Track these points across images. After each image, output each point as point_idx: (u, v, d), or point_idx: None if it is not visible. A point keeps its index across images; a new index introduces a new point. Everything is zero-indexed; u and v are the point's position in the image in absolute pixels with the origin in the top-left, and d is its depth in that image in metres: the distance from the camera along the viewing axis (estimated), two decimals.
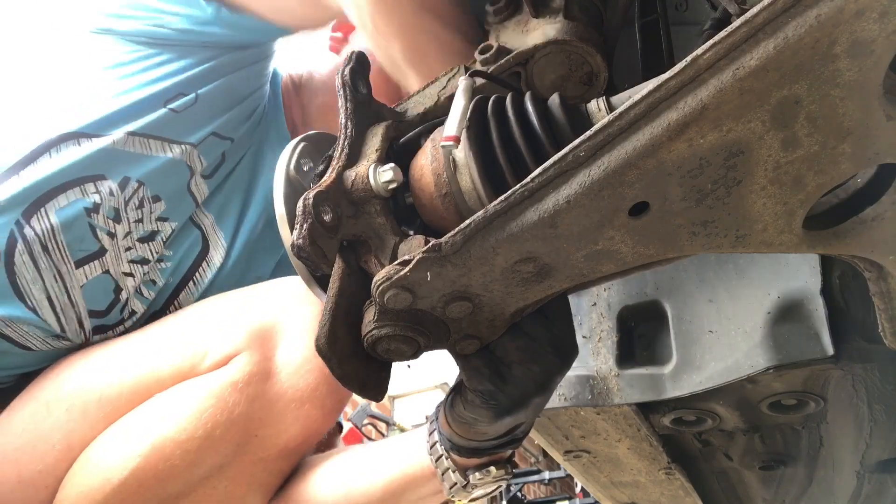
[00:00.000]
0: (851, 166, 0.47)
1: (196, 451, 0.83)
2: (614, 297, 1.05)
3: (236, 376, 0.84)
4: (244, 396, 0.84)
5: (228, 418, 0.83)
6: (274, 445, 0.87)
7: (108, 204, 0.99)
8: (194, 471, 0.84)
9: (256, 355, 0.85)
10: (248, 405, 0.84)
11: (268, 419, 0.85)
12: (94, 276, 0.99)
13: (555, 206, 0.50)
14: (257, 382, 0.84)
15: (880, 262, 0.55)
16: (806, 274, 0.87)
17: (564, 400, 1.04)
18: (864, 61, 0.41)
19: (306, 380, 0.86)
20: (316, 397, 0.86)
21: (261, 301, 0.91)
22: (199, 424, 0.82)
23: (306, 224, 0.59)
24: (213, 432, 0.83)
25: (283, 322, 0.88)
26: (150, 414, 0.86)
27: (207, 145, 1.09)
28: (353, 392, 0.63)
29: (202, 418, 0.83)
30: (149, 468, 0.83)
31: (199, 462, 0.84)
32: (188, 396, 0.85)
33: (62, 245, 0.96)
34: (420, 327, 0.60)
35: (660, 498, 1.32)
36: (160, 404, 0.86)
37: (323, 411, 0.88)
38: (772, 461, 1.16)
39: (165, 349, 0.91)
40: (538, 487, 6.47)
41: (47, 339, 0.97)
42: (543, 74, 0.73)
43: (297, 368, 0.86)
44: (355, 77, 0.71)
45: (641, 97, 0.45)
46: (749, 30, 0.42)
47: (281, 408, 0.85)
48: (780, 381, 0.91)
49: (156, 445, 0.83)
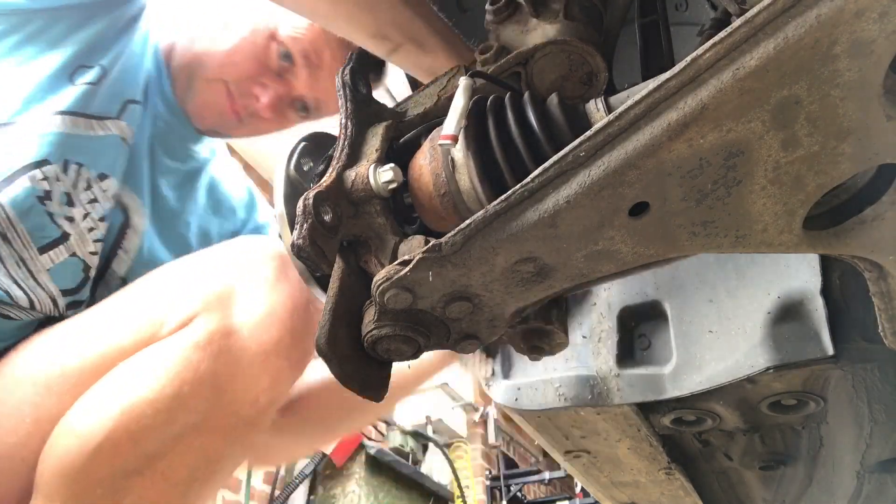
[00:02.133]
0: (851, 166, 0.47)
1: (167, 410, 0.85)
2: (614, 297, 1.05)
3: (196, 336, 0.86)
4: (207, 353, 0.86)
5: (195, 375, 0.85)
6: (245, 399, 0.89)
7: (57, 190, 1.02)
8: (168, 429, 0.86)
9: (214, 315, 0.87)
10: (213, 361, 0.86)
11: (235, 373, 0.87)
12: (60, 259, 1.04)
13: (555, 206, 0.50)
14: (219, 339, 0.86)
15: (880, 262, 0.55)
16: (806, 274, 0.87)
17: (564, 400, 1.04)
18: (865, 61, 0.41)
19: (269, 333, 0.88)
20: (281, 349, 0.89)
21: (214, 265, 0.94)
22: (167, 383, 0.84)
23: (306, 224, 0.59)
24: (181, 389, 0.85)
25: (239, 282, 0.90)
26: (119, 379, 0.88)
27: (128, 114, 1.11)
28: (353, 392, 0.63)
29: (169, 377, 0.85)
30: (122, 429, 0.84)
31: (172, 420, 0.85)
32: (153, 359, 0.87)
33: (22, 233, 1.00)
34: (420, 327, 0.60)
35: (660, 498, 1.32)
36: (127, 369, 0.89)
37: (289, 362, 0.90)
38: (772, 461, 1.16)
39: (124, 320, 0.93)
40: (538, 487, 6.47)
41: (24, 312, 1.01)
42: (543, 74, 0.73)
43: (258, 323, 0.88)
44: (355, 77, 0.71)
45: (641, 97, 0.45)
46: (749, 30, 0.42)
47: (247, 362, 0.87)
48: (780, 381, 0.91)
49: (126, 407, 0.85)
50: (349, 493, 4.07)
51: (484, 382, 1.13)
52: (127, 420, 0.84)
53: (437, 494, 4.79)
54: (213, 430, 0.88)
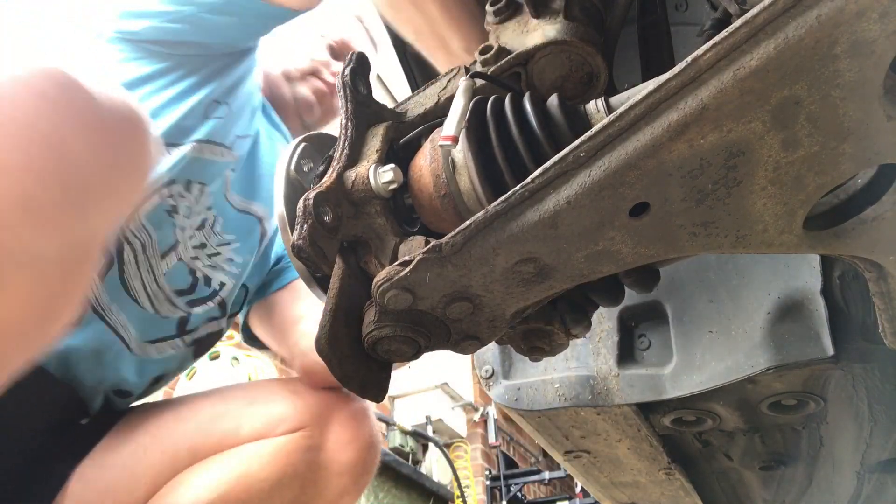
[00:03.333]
0: (852, 166, 0.47)
1: (269, 490, 1.06)
2: None
3: (301, 442, 1.09)
4: (304, 459, 1.08)
5: (294, 472, 1.07)
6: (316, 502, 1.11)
7: (182, 204, 1.18)
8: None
9: (316, 431, 1.10)
10: (305, 466, 1.09)
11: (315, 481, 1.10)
12: (172, 264, 1.19)
13: (555, 207, 0.50)
14: (314, 451, 1.09)
15: (880, 263, 0.55)
16: (806, 274, 0.87)
17: (564, 400, 1.04)
18: (865, 61, 0.41)
19: (346, 455, 1.12)
20: (354, 472, 1.12)
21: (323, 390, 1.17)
22: (274, 470, 1.06)
23: (306, 224, 0.59)
24: (281, 479, 1.06)
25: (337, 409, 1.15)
26: (237, 457, 1.08)
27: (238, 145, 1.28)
28: (353, 392, 0.63)
29: (277, 466, 1.06)
30: (234, 495, 1.04)
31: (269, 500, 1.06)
32: (268, 448, 1.08)
33: (154, 243, 1.15)
34: (420, 328, 0.60)
35: (660, 498, 1.32)
36: (245, 451, 1.09)
37: (356, 485, 1.13)
38: (772, 461, 1.16)
39: (246, 414, 1.14)
40: (538, 487, 6.47)
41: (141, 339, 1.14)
42: (544, 75, 0.73)
43: (341, 446, 1.12)
44: (355, 77, 0.71)
45: (642, 98, 0.45)
46: (749, 30, 0.42)
47: (325, 475, 1.10)
48: (780, 382, 0.91)
49: (241, 478, 1.05)
50: None
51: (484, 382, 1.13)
52: (240, 488, 1.04)
53: (437, 494, 4.79)
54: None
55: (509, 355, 1.13)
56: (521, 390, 1.09)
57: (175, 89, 1.16)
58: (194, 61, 1.18)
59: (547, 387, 1.07)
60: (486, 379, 1.13)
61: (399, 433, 4.84)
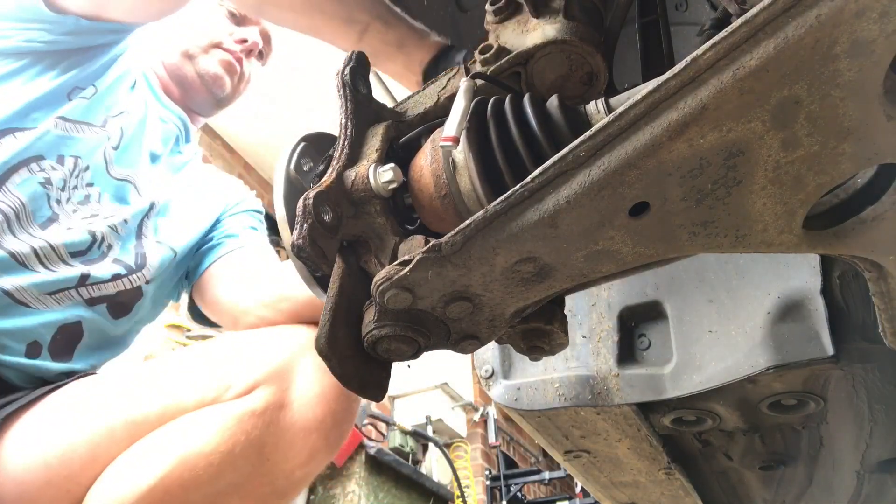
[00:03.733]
0: (852, 166, 0.47)
1: (218, 465, 0.91)
2: (614, 297, 1.05)
3: (256, 405, 0.94)
4: (261, 422, 0.93)
5: (247, 439, 0.92)
6: (282, 470, 0.96)
7: (55, 177, 1.19)
8: (215, 484, 0.92)
9: (274, 388, 0.96)
10: (264, 430, 0.93)
11: (279, 444, 0.95)
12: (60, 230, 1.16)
13: (555, 206, 0.50)
14: (273, 411, 0.94)
15: (880, 262, 0.55)
16: (806, 274, 0.87)
17: (564, 400, 1.04)
18: (865, 61, 0.41)
19: (314, 412, 0.96)
20: (322, 428, 0.97)
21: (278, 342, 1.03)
22: (222, 441, 0.91)
23: (306, 224, 0.59)
24: (233, 449, 0.92)
25: (298, 361, 0.99)
26: (178, 430, 0.95)
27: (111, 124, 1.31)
28: (353, 392, 0.63)
29: (225, 436, 0.92)
30: (176, 475, 0.90)
31: (220, 476, 0.92)
32: (214, 417, 0.94)
33: (29, 214, 1.15)
34: (420, 327, 0.60)
35: (660, 498, 1.32)
36: (186, 423, 0.96)
37: (327, 442, 0.98)
38: (772, 461, 1.16)
39: (191, 380, 1.01)
40: (538, 487, 6.47)
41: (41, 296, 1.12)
42: (543, 75, 0.73)
43: (307, 402, 0.97)
44: (355, 76, 0.71)
45: (641, 97, 0.45)
46: (749, 30, 0.42)
47: (291, 436, 0.95)
48: (780, 381, 0.91)
49: (183, 457, 0.91)
50: (349, 493, 4.07)
51: (484, 382, 1.13)
52: (182, 468, 0.90)
53: (437, 494, 4.79)
54: (250, 495, 0.96)
55: (509, 355, 1.13)
56: (521, 390, 1.09)
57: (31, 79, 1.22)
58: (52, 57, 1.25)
59: (547, 387, 1.07)
60: (486, 379, 1.13)
61: (399, 433, 4.84)
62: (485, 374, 1.13)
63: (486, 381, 1.12)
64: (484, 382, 1.13)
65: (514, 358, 1.13)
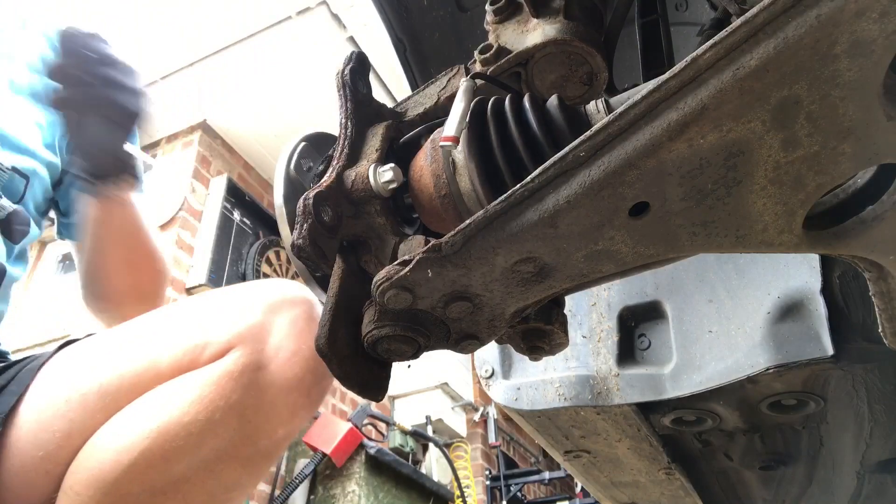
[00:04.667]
0: (852, 166, 0.47)
1: (199, 434, 0.89)
2: (614, 297, 1.05)
3: (232, 367, 0.91)
4: (239, 384, 0.91)
5: (227, 403, 0.90)
6: (265, 430, 0.94)
7: None
8: (197, 453, 0.90)
9: (250, 348, 0.93)
10: (243, 392, 0.91)
11: (260, 405, 0.92)
12: None
13: (555, 206, 0.50)
14: (251, 372, 0.92)
15: (880, 262, 0.55)
16: (806, 274, 0.87)
17: (564, 400, 1.04)
18: (865, 61, 0.41)
19: (293, 370, 0.94)
20: (302, 386, 0.94)
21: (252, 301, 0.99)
22: (202, 408, 0.89)
23: (306, 224, 0.59)
24: (213, 416, 0.89)
25: (274, 319, 0.96)
26: (155, 400, 0.92)
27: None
28: (353, 392, 0.63)
29: (203, 403, 0.90)
30: (157, 448, 0.89)
31: (202, 444, 0.90)
32: (190, 385, 0.92)
33: None
34: (420, 327, 0.60)
35: (660, 498, 1.32)
36: (164, 392, 0.93)
37: (308, 399, 0.96)
38: (772, 461, 1.16)
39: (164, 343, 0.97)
40: (538, 487, 6.47)
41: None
42: (543, 74, 0.73)
43: (285, 360, 0.94)
44: (355, 77, 0.71)
45: (641, 97, 0.45)
46: (749, 30, 0.42)
47: (272, 395, 0.93)
48: (780, 381, 0.91)
49: (162, 428, 0.89)
50: (349, 493, 4.07)
51: (484, 382, 1.13)
52: (163, 440, 0.89)
53: (437, 494, 4.79)
54: (235, 459, 0.93)
55: (509, 355, 1.13)
56: (521, 390, 1.09)
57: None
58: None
59: (547, 387, 1.07)
60: (486, 379, 1.13)
61: (399, 433, 4.84)
62: (485, 374, 1.13)
63: (486, 381, 1.12)
64: (484, 382, 1.13)
65: (514, 358, 1.13)
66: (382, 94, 3.93)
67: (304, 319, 0.97)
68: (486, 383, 1.12)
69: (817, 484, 1.24)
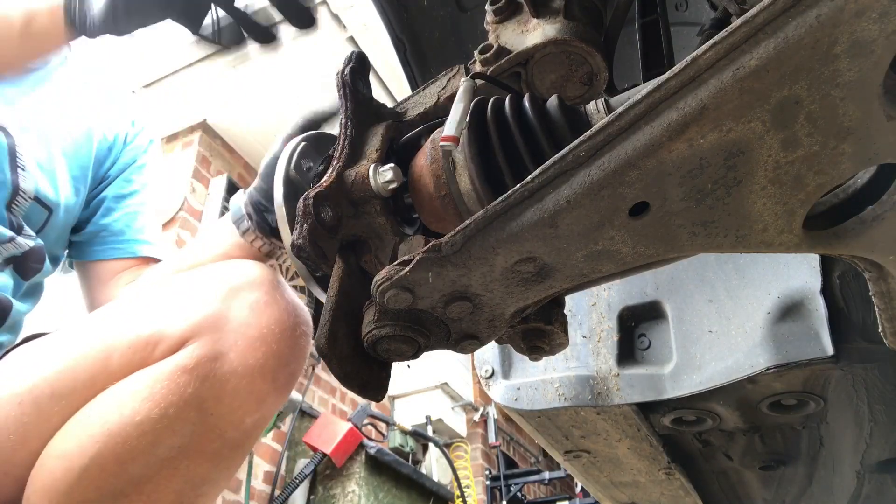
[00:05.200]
0: (852, 166, 0.47)
1: (153, 432, 0.86)
2: (614, 297, 1.05)
3: (185, 361, 0.87)
4: (194, 377, 0.87)
5: (181, 398, 0.86)
6: (230, 422, 0.90)
7: None
8: (154, 451, 0.87)
9: (206, 339, 0.88)
10: (200, 385, 0.87)
11: (220, 396, 0.88)
12: None
13: (555, 206, 0.50)
14: (206, 363, 0.87)
15: (880, 262, 0.55)
16: (806, 274, 0.87)
17: (564, 400, 1.04)
18: (865, 61, 0.41)
19: (255, 356, 0.89)
20: (266, 372, 0.90)
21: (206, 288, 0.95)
22: (153, 405, 0.86)
23: (306, 224, 0.59)
24: (167, 412, 0.86)
25: (230, 306, 0.91)
26: (105, 402, 0.89)
27: None
28: (353, 392, 0.63)
29: (155, 400, 0.86)
30: (108, 452, 0.86)
31: (158, 442, 0.87)
32: (140, 383, 0.88)
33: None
34: (420, 327, 0.60)
35: (660, 498, 1.32)
36: (113, 392, 0.90)
37: (274, 385, 0.91)
38: (772, 461, 1.16)
39: (115, 342, 0.93)
40: (538, 487, 6.47)
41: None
42: (543, 74, 0.73)
43: (245, 347, 0.89)
44: (355, 77, 0.71)
45: (641, 97, 0.45)
46: (749, 30, 0.42)
47: (233, 385, 0.88)
48: (780, 381, 0.91)
49: (113, 430, 0.86)
50: (349, 493, 4.07)
51: (484, 382, 1.13)
52: (113, 442, 0.85)
53: (437, 494, 4.79)
54: (199, 454, 0.90)
55: (509, 355, 1.13)
56: (521, 390, 1.09)
57: None
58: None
59: (547, 387, 1.07)
60: (486, 379, 1.13)
61: (399, 433, 4.84)
62: (485, 374, 1.13)
63: (486, 381, 1.12)
64: (484, 382, 1.13)
65: (514, 358, 1.13)
66: (382, 94, 3.93)
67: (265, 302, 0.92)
68: (486, 383, 1.12)
69: (817, 484, 1.24)
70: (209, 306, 0.91)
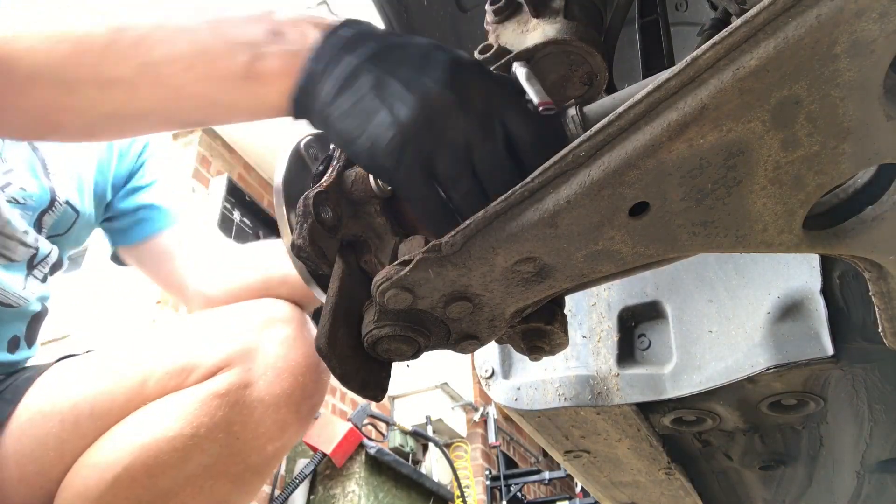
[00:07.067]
0: (852, 166, 0.47)
1: (183, 449, 0.92)
2: (614, 297, 1.05)
3: (218, 387, 0.94)
4: (225, 402, 0.94)
5: (211, 420, 0.93)
6: (253, 447, 0.97)
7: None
8: (183, 468, 0.93)
9: (238, 368, 0.96)
10: (229, 409, 0.94)
11: (248, 422, 0.95)
12: None
13: (555, 206, 0.50)
14: (237, 390, 0.94)
15: (880, 262, 0.55)
16: (806, 274, 0.87)
17: (564, 400, 1.04)
18: (865, 61, 0.41)
19: (282, 386, 0.96)
20: (291, 402, 0.97)
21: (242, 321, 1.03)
22: (186, 424, 0.92)
23: (306, 224, 0.59)
24: (198, 431, 0.92)
25: (264, 339, 0.99)
26: (140, 419, 0.95)
27: None
28: (353, 392, 0.63)
29: (188, 419, 0.92)
30: (140, 464, 0.91)
31: (187, 459, 0.92)
32: (174, 404, 0.95)
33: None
34: (420, 327, 0.60)
35: (660, 498, 1.32)
36: (148, 411, 0.96)
37: (297, 415, 0.98)
38: (772, 461, 1.16)
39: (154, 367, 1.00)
40: (538, 487, 6.47)
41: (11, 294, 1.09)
42: (543, 75, 0.73)
43: (273, 377, 0.97)
44: None
45: (641, 97, 0.45)
46: (749, 30, 0.42)
47: (260, 412, 0.95)
48: (780, 381, 0.91)
49: (146, 444, 0.92)
50: (349, 493, 4.07)
51: (484, 382, 1.13)
52: (145, 455, 0.91)
53: (437, 494, 4.79)
54: (223, 475, 0.96)
55: (509, 355, 1.13)
56: (521, 390, 1.09)
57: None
58: None
59: (547, 386, 1.07)
60: (486, 379, 1.13)
61: (399, 433, 4.84)
62: (485, 374, 1.13)
63: (486, 381, 1.12)
64: (484, 382, 1.13)
65: (514, 358, 1.13)
66: None
67: (295, 337, 1.00)
68: (486, 383, 1.12)
69: (817, 484, 1.24)
70: (243, 339, 0.98)
